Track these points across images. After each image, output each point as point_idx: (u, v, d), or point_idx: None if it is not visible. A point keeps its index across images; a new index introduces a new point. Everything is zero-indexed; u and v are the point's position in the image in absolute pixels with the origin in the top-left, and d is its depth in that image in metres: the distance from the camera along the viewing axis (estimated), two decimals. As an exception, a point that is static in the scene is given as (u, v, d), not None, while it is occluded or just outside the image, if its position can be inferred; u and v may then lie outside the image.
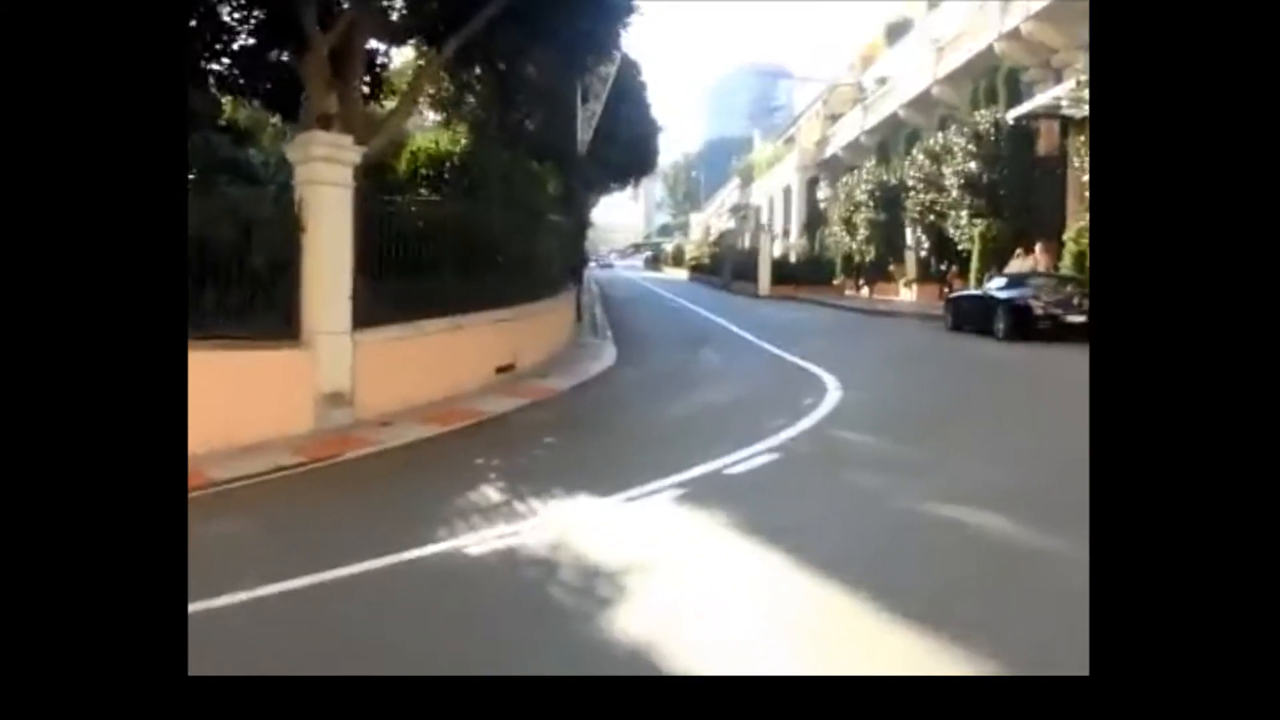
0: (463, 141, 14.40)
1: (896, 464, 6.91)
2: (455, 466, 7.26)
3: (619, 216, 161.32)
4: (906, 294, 31.68)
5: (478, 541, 4.96)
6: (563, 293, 18.02)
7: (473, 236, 12.20)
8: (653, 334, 20.42)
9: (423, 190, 13.19)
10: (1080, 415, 8.99)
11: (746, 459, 6.91)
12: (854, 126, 39.69)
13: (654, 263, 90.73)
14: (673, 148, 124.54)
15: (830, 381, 11.40)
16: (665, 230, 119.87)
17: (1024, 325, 16.27)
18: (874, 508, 5.51)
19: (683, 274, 64.62)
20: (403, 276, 10.91)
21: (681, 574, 4.42)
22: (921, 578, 4.23)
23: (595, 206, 60.58)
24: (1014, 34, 24.57)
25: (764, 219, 56.02)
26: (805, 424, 8.48)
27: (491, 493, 6.25)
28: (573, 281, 20.96)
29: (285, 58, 12.63)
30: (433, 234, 11.44)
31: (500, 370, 12.84)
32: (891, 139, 34.69)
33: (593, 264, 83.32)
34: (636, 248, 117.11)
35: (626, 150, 30.60)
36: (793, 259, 43.10)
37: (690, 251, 73.65)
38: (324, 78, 10.88)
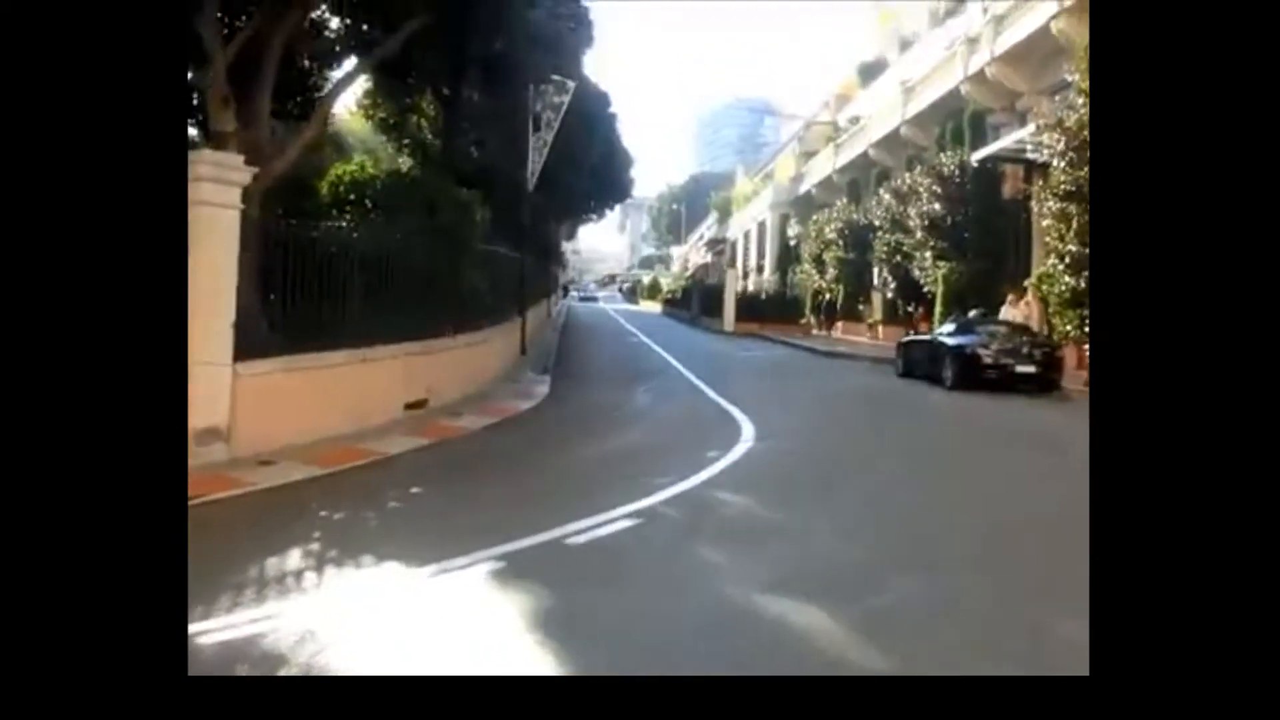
0: (385, 167, 13.87)
1: (758, 536, 6.22)
2: (296, 519, 6.62)
3: (607, 246, 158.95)
4: (872, 335, 31.22)
5: (223, 627, 4.25)
6: (499, 325, 17.46)
7: (386, 264, 11.67)
8: (594, 372, 19.83)
9: (346, 216, 12.68)
10: (998, 480, 8.56)
11: (601, 525, 6.26)
12: (826, 165, 39.49)
13: (631, 295, 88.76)
14: (658, 180, 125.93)
15: (748, 430, 10.81)
16: (648, 262, 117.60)
17: (971, 374, 15.69)
18: (697, 597, 4.82)
19: (657, 307, 63.18)
20: (305, 305, 10.35)
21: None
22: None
23: (571, 236, 59.15)
24: (979, 76, 24.31)
25: (738, 254, 55.26)
26: (692, 481, 7.85)
27: (298, 557, 5.58)
28: (517, 313, 20.42)
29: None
30: (341, 261, 10.89)
31: (411, 406, 12.23)
32: (862, 178, 34.41)
33: (574, 294, 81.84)
34: (612, 279, 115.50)
35: (592, 179, 30.29)
36: (763, 295, 42.70)
37: (666, 284, 71.82)
38: (220, 93, 10.31)
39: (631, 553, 5.72)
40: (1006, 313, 18.48)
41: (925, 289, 24.48)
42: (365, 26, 12.63)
